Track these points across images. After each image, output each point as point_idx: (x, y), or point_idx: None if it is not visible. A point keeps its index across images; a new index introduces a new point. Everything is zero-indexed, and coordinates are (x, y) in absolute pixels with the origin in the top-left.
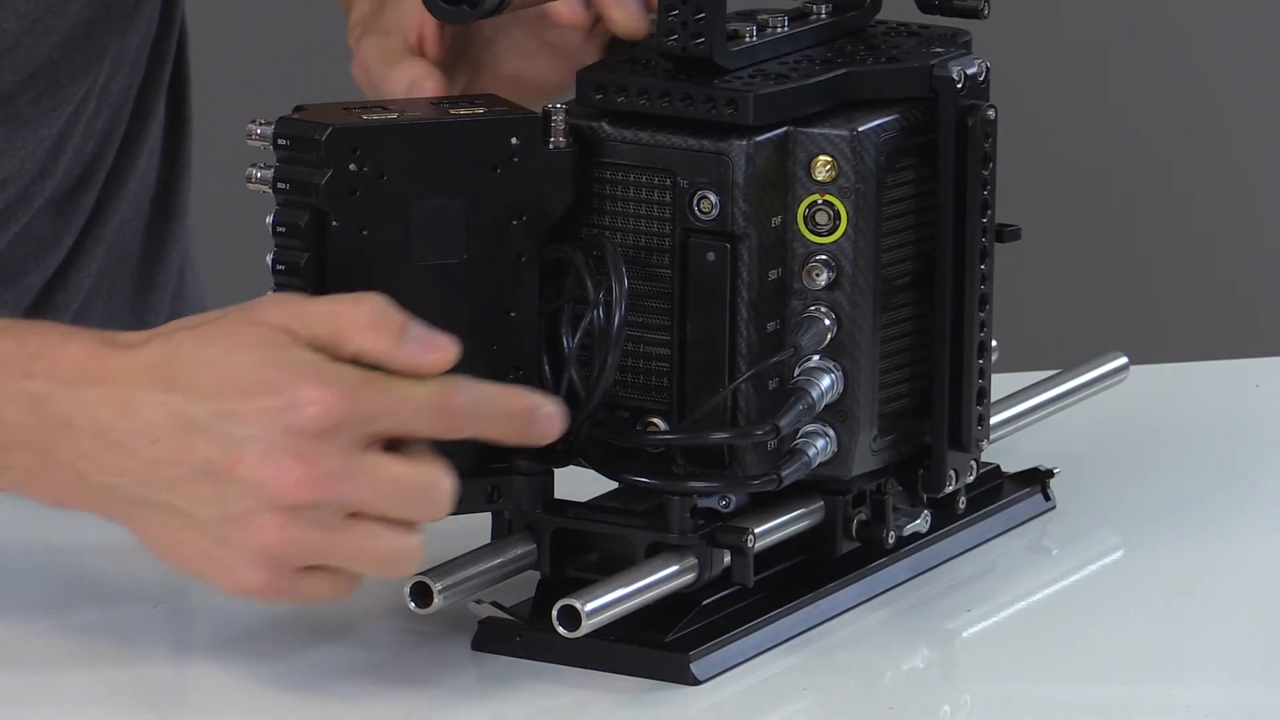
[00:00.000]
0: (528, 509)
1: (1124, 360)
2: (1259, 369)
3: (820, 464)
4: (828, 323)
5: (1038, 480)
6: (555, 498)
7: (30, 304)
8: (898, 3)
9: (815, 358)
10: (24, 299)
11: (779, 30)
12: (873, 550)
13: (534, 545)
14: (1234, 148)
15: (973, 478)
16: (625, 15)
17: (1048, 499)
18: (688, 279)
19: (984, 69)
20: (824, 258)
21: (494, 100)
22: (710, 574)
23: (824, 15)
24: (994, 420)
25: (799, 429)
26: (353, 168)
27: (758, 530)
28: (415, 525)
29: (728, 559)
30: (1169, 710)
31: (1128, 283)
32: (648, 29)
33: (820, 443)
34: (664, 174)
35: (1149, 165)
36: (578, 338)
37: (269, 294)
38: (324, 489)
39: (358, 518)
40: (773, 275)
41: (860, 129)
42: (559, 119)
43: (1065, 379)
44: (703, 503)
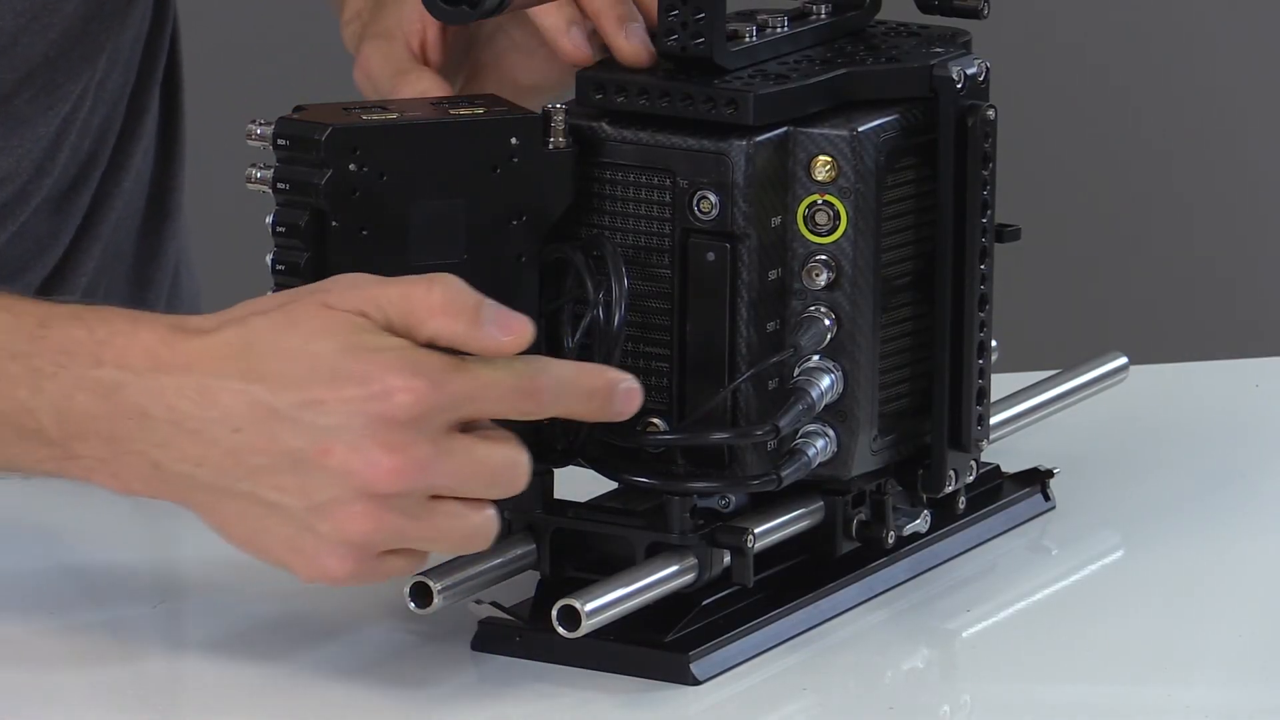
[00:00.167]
0: (527, 509)
1: (1124, 360)
2: (1259, 369)
3: (820, 464)
4: (827, 323)
5: (1038, 480)
6: (555, 498)
7: None
8: (898, 3)
9: (815, 358)
10: None
11: (779, 30)
12: (873, 550)
13: (534, 545)
14: (1234, 148)
15: (973, 478)
16: (631, 46)
17: (1048, 499)
18: (688, 279)
19: (984, 69)
20: (824, 258)
21: (494, 100)
22: (710, 574)
23: (824, 15)
24: (994, 420)
25: (799, 429)
26: (353, 168)
27: (758, 530)
28: (490, 500)
29: (728, 559)
30: (1169, 710)
31: (1128, 283)
32: (652, 58)
33: (820, 443)
34: (664, 174)
35: (1149, 165)
36: (577, 338)
37: (337, 276)
38: (413, 477)
39: (439, 500)
40: (772, 275)
41: (860, 129)
42: (559, 119)
43: (1065, 379)
44: (703, 503)
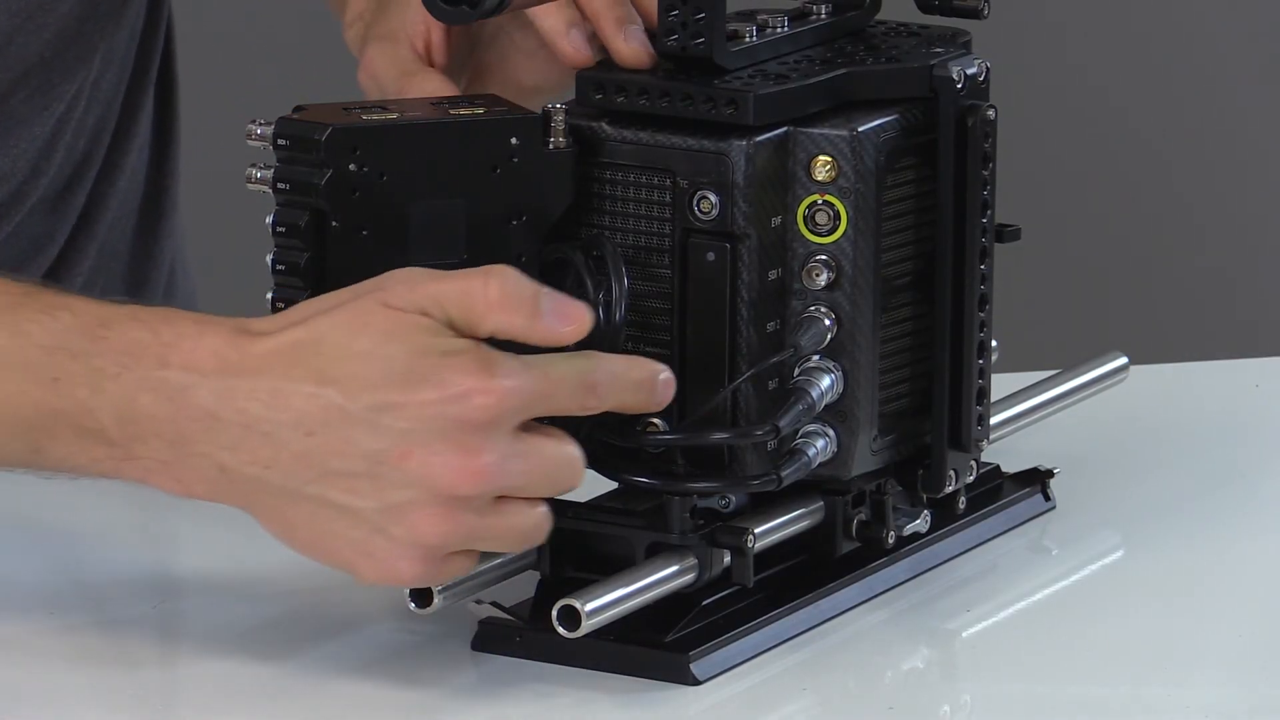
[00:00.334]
0: None
1: (1124, 360)
2: (1259, 369)
3: (820, 464)
4: (827, 323)
5: (1038, 480)
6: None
7: None
8: (898, 3)
9: (815, 358)
10: None
11: (779, 30)
12: (873, 550)
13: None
14: (1234, 148)
15: (973, 478)
16: (630, 49)
17: (1048, 499)
18: (688, 279)
19: (984, 69)
20: (824, 258)
21: (494, 100)
22: (710, 574)
23: (824, 15)
24: (994, 420)
25: (799, 429)
26: (353, 168)
27: (758, 530)
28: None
29: (728, 559)
30: (1169, 710)
31: (1128, 283)
32: (651, 60)
33: (820, 443)
34: (664, 174)
35: (1149, 165)
36: None
37: (392, 272)
38: (488, 479)
39: (505, 499)
40: (772, 275)
41: (860, 129)
42: (559, 119)
43: (1065, 379)
44: (703, 503)
